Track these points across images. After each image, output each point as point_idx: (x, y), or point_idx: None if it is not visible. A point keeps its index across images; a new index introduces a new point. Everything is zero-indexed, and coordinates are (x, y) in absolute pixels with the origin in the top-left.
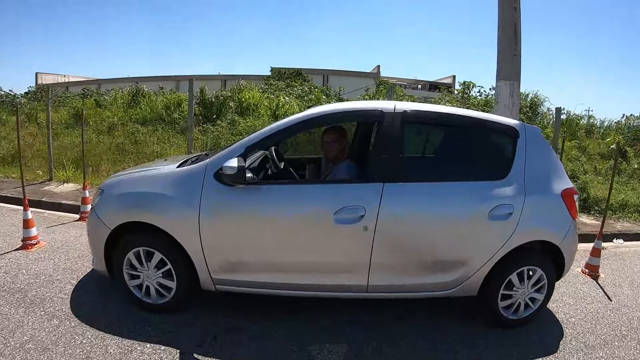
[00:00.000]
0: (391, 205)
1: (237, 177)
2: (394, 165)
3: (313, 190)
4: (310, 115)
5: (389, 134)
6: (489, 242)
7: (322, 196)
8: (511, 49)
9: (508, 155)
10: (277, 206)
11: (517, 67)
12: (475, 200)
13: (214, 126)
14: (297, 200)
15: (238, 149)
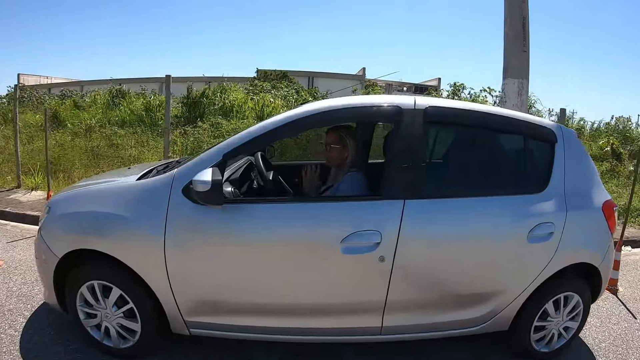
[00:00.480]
0: (414, 228)
1: (212, 195)
2: (416, 177)
3: (313, 211)
4: (307, 113)
5: (410, 137)
6: (527, 269)
7: (325, 218)
8: (519, 44)
9: (546, 163)
10: (266, 231)
11: (525, 63)
12: (513, 218)
13: (195, 128)
14: (293, 223)
15: (213, 157)
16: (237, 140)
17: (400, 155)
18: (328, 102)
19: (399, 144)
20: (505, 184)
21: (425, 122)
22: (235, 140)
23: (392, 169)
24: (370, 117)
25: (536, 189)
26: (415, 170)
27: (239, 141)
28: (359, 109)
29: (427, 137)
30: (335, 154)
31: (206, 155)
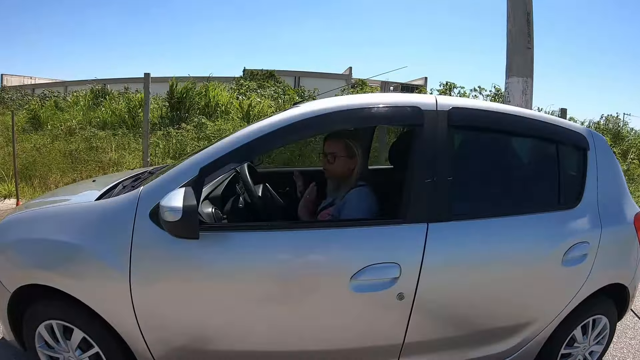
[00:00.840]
0: (440, 257)
1: (184, 227)
2: (441, 195)
3: (315, 240)
4: (309, 115)
5: (433, 146)
6: (560, 295)
7: (330, 249)
8: (524, 41)
9: (579, 174)
10: (256, 266)
11: (530, 61)
12: (548, 240)
13: (178, 129)
14: (290, 256)
15: (187, 171)
16: (218, 150)
17: (423, 168)
18: (335, 100)
19: (421, 155)
20: (538, 199)
21: (450, 127)
22: (216, 150)
23: (412, 185)
24: (388, 120)
25: (569, 203)
26: (441, 186)
27: (219, 151)
28: (377, 111)
29: (453, 145)
30: (340, 165)
31: (178, 169)
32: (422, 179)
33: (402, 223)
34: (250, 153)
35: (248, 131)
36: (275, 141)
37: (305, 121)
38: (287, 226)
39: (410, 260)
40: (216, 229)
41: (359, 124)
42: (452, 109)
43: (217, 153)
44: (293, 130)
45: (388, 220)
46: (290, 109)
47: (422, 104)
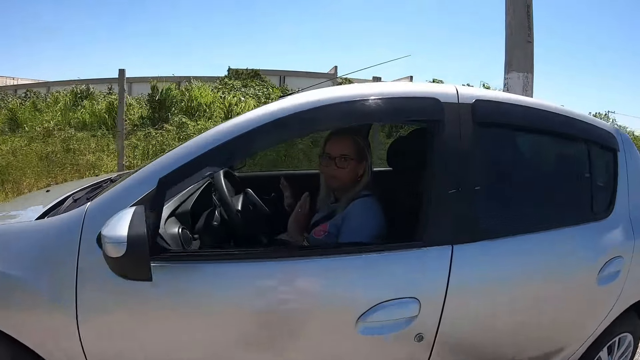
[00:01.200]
0: (468, 286)
1: (130, 264)
2: (468, 209)
3: (311, 272)
4: (301, 107)
5: (455, 147)
6: (592, 317)
7: (331, 284)
8: (524, 34)
9: (610, 179)
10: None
11: (530, 55)
12: (583, 257)
13: (158, 130)
14: (279, 295)
15: (141, 185)
16: (184, 154)
17: (445, 176)
18: (334, 90)
19: (441, 159)
20: (571, 209)
21: (475, 124)
22: (181, 155)
23: (432, 197)
24: (399, 115)
25: (602, 213)
26: (467, 197)
27: (185, 156)
28: (386, 104)
29: (479, 147)
30: (347, 171)
31: (130, 181)
32: (445, 190)
33: (421, 247)
34: (225, 157)
35: (223, 129)
36: (257, 142)
37: (297, 116)
38: (275, 255)
39: (431, 294)
40: (181, 259)
41: (364, 119)
42: (475, 101)
43: (182, 158)
44: (281, 127)
45: (403, 244)
46: (278, 101)
47: (440, 94)
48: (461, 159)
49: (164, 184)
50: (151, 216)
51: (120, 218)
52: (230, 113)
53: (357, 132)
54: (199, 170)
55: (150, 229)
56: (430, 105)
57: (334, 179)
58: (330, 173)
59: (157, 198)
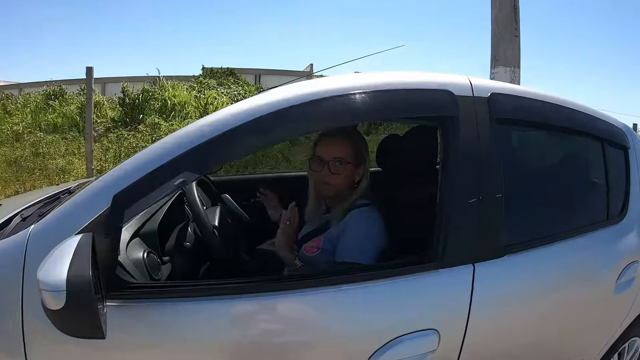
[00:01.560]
0: (491, 310)
1: (73, 319)
2: (490, 220)
3: (310, 307)
4: (291, 102)
5: (472, 148)
6: (609, 326)
7: (335, 321)
8: (511, 28)
9: (623, 180)
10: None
11: (517, 50)
12: (602, 265)
13: (130, 131)
14: (272, 337)
15: (90, 204)
16: (143, 162)
17: (463, 183)
18: (330, 81)
19: (458, 162)
20: (589, 214)
21: (492, 121)
22: (139, 163)
23: (449, 208)
24: (409, 109)
25: (617, 216)
26: (488, 207)
27: (146, 165)
28: (394, 97)
29: (497, 147)
30: (342, 177)
31: (78, 200)
32: (464, 199)
33: (438, 268)
34: (198, 165)
35: (193, 130)
36: (236, 146)
37: (283, 113)
38: (263, 287)
39: (451, 323)
40: (145, 295)
41: (366, 116)
42: (491, 95)
43: (142, 167)
44: (265, 127)
45: (417, 267)
46: (261, 94)
47: (453, 86)
48: (480, 162)
49: (120, 203)
50: (104, 246)
51: (59, 255)
52: (206, 112)
53: (353, 130)
54: (165, 182)
55: (101, 265)
56: (443, 99)
57: (326, 186)
58: (323, 179)
59: (112, 220)
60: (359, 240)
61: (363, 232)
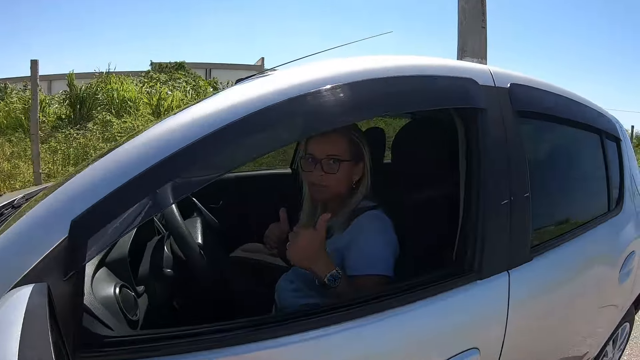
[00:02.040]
0: (525, 320)
1: None
2: (521, 222)
3: (336, 345)
4: (290, 94)
5: (501, 144)
6: (613, 314)
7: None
8: (478, 19)
9: (618, 171)
10: None
11: (484, 41)
12: (609, 257)
13: (80, 130)
14: None
15: (37, 233)
16: (110, 172)
17: (495, 183)
18: (339, 64)
19: (490, 160)
20: (595, 207)
21: (515, 113)
22: (104, 173)
23: (481, 211)
24: (435, 100)
25: (616, 208)
26: (519, 207)
27: (112, 177)
28: (437, 82)
29: (522, 143)
30: (337, 177)
31: (19, 228)
32: (498, 200)
33: (476, 279)
34: (201, 167)
35: (165, 132)
36: (245, 146)
37: (282, 108)
38: (285, 328)
39: (491, 338)
40: (129, 356)
41: (398, 107)
42: (511, 85)
43: (110, 179)
44: (258, 127)
45: (455, 280)
46: (233, 88)
47: (476, 74)
48: (509, 159)
49: (81, 231)
50: (64, 294)
51: (2, 322)
52: (158, 108)
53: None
54: (148, 195)
55: (62, 323)
56: (471, 89)
57: (321, 189)
58: (316, 180)
59: (71, 257)
60: (376, 251)
61: (379, 242)
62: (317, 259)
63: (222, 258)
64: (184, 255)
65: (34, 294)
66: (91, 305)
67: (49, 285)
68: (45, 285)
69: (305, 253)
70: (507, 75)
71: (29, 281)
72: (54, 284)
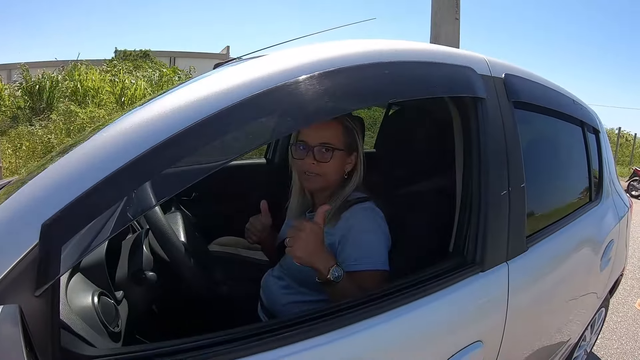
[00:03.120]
0: (522, 311)
1: None
2: (518, 213)
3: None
4: (283, 77)
5: (498, 134)
6: (594, 302)
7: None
8: (452, 10)
9: (598, 161)
10: None
11: (458, 32)
12: (592, 245)
13: (42, 120)
14: None
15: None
16: (85, 164)
17: (494, 173)
18: (336, 47)
19: (489, 150)
20: (580, 197)
21: (510, 104)
22: (78, 165)
23: (481, 203)
24: (450, 87)
25: (596, 197)
26: (517, 199)
27: (87, 171)
28: (442, 69)
29: (517, 132)
30: (330, 166)
31: None
32: (498, 191)
33: (478, 272)
34: (205, 154)
35: (150, 119)
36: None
37: (278, 92)
38: (290, 334)
39: (493, 329)
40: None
41: (403, 93)
42: (506, 75)
43: (85, 173)
44: (249, 116)
45: (459, 273)
46: (256, 61)
47: (474, 62)
48: (507, 150)
49: (54, 236)
50: (37, 311)
51: None
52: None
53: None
54: (131, 192)
55: (38, 347)
56: (470, 77)
57: (312, 178)
58: (307, 169)
59: (44, 268)
60: (373, 243)
61: (377, 233)
62: (320, 254)
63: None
64: (168, 256)
65: (4, 320)
66: (68, 320)
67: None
68: (17, 308)
69: (309, 248)
70: (501, 65)
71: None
72: (25, 301)
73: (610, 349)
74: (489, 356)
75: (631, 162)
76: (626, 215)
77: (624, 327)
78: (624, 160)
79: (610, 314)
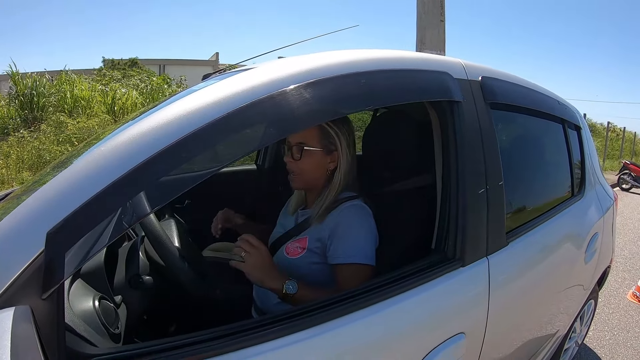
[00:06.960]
0: (503, 305)
1: None
2: (497, 209)
3: (335, 344)
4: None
5: (475, 135)
6: (581, 294)
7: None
8: (436, 12)
9: (580, 157)
10: None
11: (443, 34)
12: (575, 238)
13: (33, 132)
14: None
15: (7, 250)
16: (88, 173)
17: (472, 172)
18: (319, 58)
19: (465, 150)
20: (561, 192)
21: (487, 106)
22: (81, 175)
23: (460, 200)
24: (427, 92)
25: (579, 192)
26: (494, 195)
27: (88, 182)
28: (419, 76)
29: (494, 133)
30: (310, 165)
31: None
32: (475, 189)
33: (459, 267)
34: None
35: (149, 129)
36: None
37: (261, 106)
38: (279, 328)
39: (475, 323)
40: None
41: (380, 100)
42: (482, 78)
43: (85, 184)
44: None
45: (441, 268)
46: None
47: (449, 67)
48: (484, 149)
49: (59, 243)
50: (45, 314)
51: None
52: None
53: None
54: (134, 196)
55: (48, 347)
56: (447, 82)
57: (291, 177)
58: (288, 167)
59: (49, 273)
60: (360, 238)
61: (364, 229)
62: (269, 275)
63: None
64: (163, 261)
65: (18, 318)
66: (71, 322)
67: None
68: (28, 308)
69: (259, 271)
70: (478, 68)
71: (3, 303)
72: (33, 304)
73: (602, 340)
74: (473, 347)
75: (621, 155)
76: (611, 208)
77: (615, 318)
78: (614, 154)
79: (602, 306)
